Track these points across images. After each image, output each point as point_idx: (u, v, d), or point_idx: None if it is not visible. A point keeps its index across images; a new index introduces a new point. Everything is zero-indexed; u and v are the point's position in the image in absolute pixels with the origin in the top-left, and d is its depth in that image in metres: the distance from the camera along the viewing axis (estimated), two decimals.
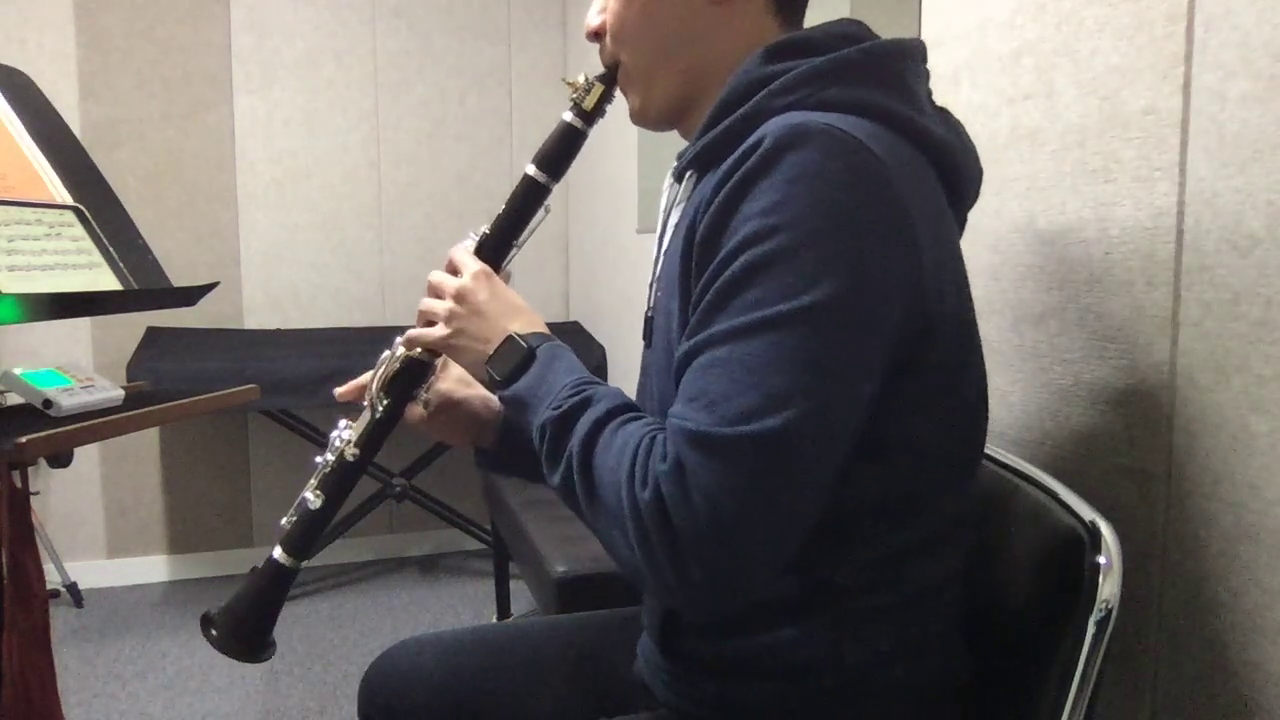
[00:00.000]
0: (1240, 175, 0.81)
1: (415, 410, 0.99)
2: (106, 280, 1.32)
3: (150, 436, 3.07)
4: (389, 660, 1.05)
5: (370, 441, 0.96)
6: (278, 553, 0.97)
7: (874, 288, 0.66)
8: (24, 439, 1.07)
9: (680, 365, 0.70)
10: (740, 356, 0.65)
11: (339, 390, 1.00)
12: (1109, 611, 0.74)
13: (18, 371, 1.25)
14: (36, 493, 2.84)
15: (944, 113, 0.83)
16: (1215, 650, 0.84)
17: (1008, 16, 1.11)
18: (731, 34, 0.82)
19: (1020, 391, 1.10)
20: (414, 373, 0.95)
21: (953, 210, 0.80)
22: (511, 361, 0.82)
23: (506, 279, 0.93)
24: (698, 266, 0.71)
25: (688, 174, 0.85)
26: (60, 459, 2.77)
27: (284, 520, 0.98)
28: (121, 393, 1.34)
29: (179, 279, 1.44)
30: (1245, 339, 0.81)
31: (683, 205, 0.84)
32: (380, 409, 0.95)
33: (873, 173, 0.67)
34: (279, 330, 3.13)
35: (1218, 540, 0.84)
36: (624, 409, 0.74)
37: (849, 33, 0.79)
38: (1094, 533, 0.77)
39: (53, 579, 2.79)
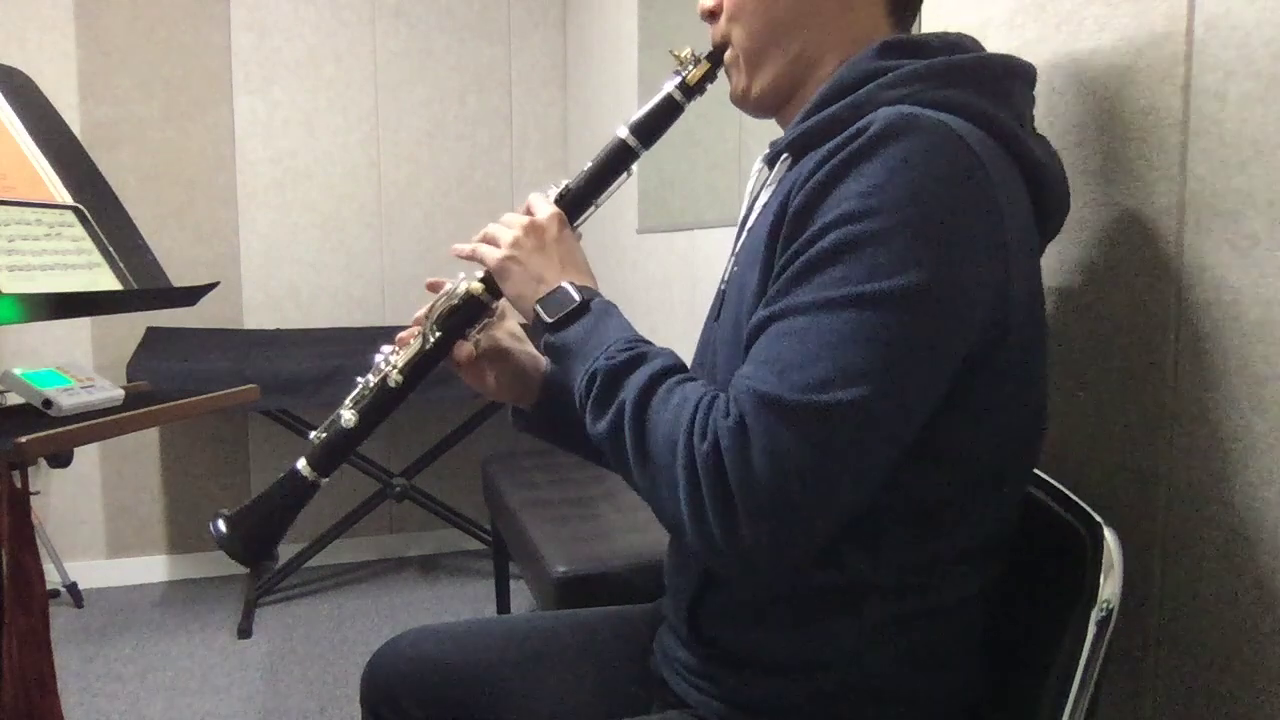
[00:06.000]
0: (1240, 175, 0.81)
1: (465, 348, 0.97)
2: (106, 280, 1.32)
3: (150, 436, 3.07)
4: (393, 649, 1.05)
5: (416, 369, 0.94)
6: (301, 464, 0.96)
7: (961, 283, 0.66)
8: (24, 439, 1.07)
9: (754, 331, 0.70)
10: (819, 328, 0.65)
11: (402, 334, 0.98)
12: (1110, 611, 0.74)
13: (18, 371, 1.25)
14: (36, 493, 2.84)
15: (1043, 140, 0.83)
16: (1215, 650, 0.84)
17: (1008, 16, 1.11)
18: (845, 27, 0.83)
19: None
20: (471, 310, 0.95)
21: (1041, 232, 0.80)
22: (563, 309, 0.82)
23: (578, 239, 0.92)
24: (786, 239, 0.71)
25: (782, 157, 0.84)
26: (60, 459, 2.78)
27: (313, 435, 0.97)
28: (121, 393, 1.34)
29: (179, 279, 1.44)
30: (1245, 339, 0.81)
31: (774, 187, 0.83)
32: (431, 340, 0.94)
33: (975, 172, 0.68)
34: (279, 330, 3.13)
35: (1218, 540, 0.84)
36: (680, 369, 0.75)
37: (962, 43, 0.80)
38: (1094, 533, 0.77)
39: (53, 579, 2.79)
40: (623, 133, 0.91)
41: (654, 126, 0.91)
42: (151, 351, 2.74)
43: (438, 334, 0.94)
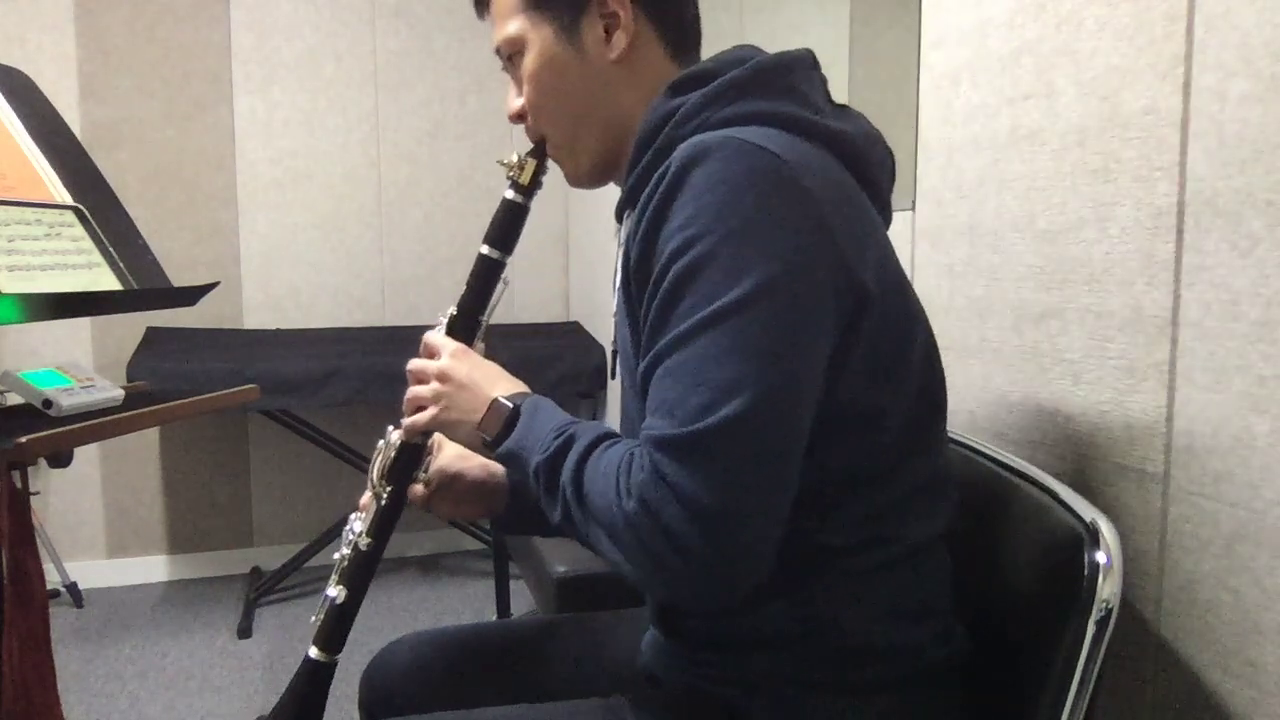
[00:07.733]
0: (1240, 175, 0.81)
1: (416, 490, 1.02)
2: (106, 280, 1.32)
3: (150, 436, 3.07)
4: (391, 653, 1.07)
5: (380, 528, 1.00)
6: (313, 651, 1.00)
7: (796, 270, 0.70)
8: (24, 439, 1.07)
9: (642, 385, 0.75)
10: (686, 360, 0.70)
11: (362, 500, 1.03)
12: (1109, 611, 0.74)
13: (18, 372, 1.26)
14: (36, 493, 2.84)
15: (843, 109, 0.87)
16: (1215, 650, 0.84)
17: (1008, 16, 1.11)
18: (637, 85, 0.88)
19: (1020, 391, 1.10)
20: (409, 456, 1.00)
21: (870, 196, 0.83)
22: (499, 422, 0.85)
23: (481, 352, 0.97)
24: (637, 293, 0.77)
25: (625, 215, 0.88)
26: (60, 459, 2.76)
27: (313, 618, 1.01)
28: (121, 393, 1.34)
29: (179, 279, 1.44)
30: (1245, 339, 0.81)
31: (623, 245, 0.88)
32: (384, 497, 0.99)
33: (773, 169, 0.72)
34: (279, 330, 3.13)
35: (1218, 540, 0.84)
36: (604, 438, 0.78)
37: (741, 57, 0.83)
38: (1094, 532, 0.77)
39: (53, 579, 2.79)
40: (484, 249, 0.97)
41: (507, 233, 0.97)
42: (151, 351, 2.74)
43: (388, 489, 0.99)
